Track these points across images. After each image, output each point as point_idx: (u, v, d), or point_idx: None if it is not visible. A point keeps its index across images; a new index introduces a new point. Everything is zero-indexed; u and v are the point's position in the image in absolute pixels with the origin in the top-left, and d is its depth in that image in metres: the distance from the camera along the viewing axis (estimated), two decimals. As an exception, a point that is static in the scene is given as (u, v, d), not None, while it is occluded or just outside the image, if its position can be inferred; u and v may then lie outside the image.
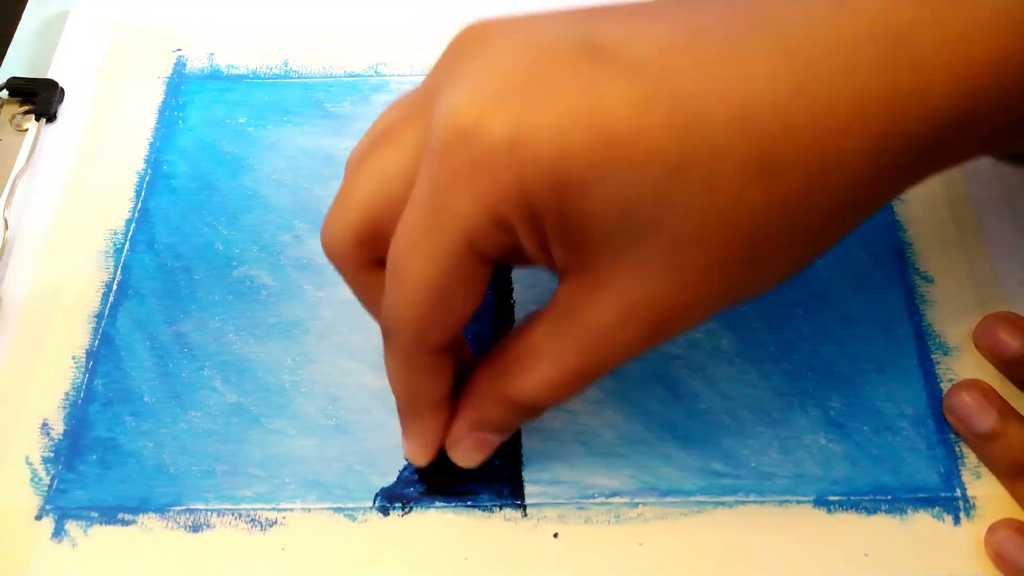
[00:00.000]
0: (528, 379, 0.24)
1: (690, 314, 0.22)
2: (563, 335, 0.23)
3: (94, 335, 0.32)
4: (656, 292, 0.21)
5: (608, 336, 0.22)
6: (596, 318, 0.22)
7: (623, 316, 0.22)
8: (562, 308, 0.23)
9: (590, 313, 0.22)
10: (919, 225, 0.34)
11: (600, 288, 0.22)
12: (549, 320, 0.23)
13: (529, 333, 0.24)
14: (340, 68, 0.39)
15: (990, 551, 0.27)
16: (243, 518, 0.29)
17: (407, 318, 0.23)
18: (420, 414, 0.26)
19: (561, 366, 0.23)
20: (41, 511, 0.29)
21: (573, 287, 0.22)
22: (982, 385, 0.29)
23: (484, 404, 0.25)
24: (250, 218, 0.34)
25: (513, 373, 0.24)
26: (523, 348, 0.24)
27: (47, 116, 0.37)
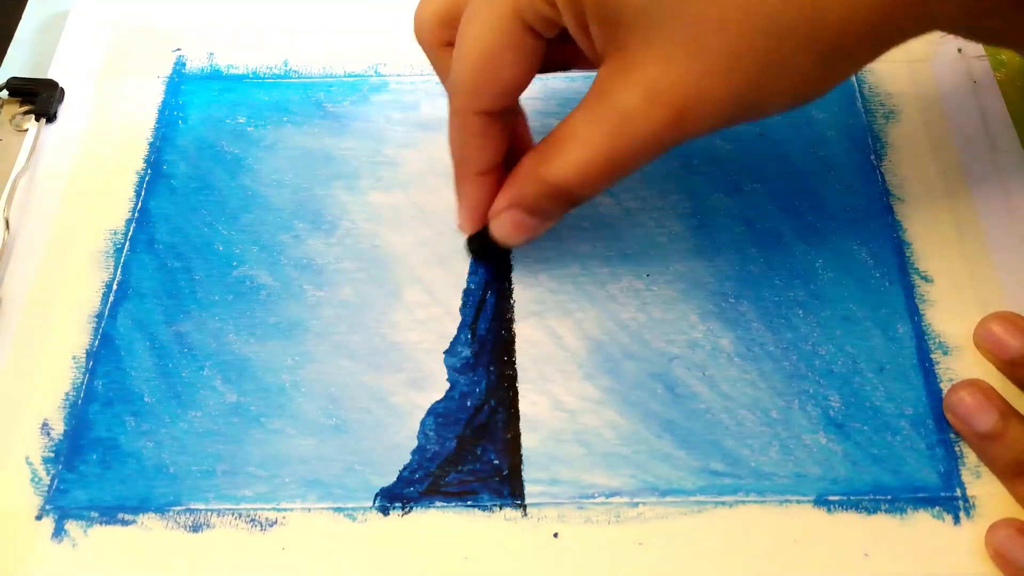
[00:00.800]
0: (562, 159, 0.26)
1: (708, 105, 0.23)
2: (595, 118, 0.25)
3: (94, 335, 0.32)
4: (678, 76, 0.23)
5: (634, 117, 0.24)
6: (624, 99, 0.24)
7: (648, 97, 0.23)
8: (596, 91, 0.25)
9: (619, 94, 0.24)
10: (919, 225, 0.34)
11: (629, 70, 0.23)
12: (586, 105, 0.25)
13: (570, 119, 0.26)
14: (340, 68, 0.39)
15: (991, 550, 0.27)
16: (243, 518, 0.29)
17: (462, 79, 0.26)
18: (467, 179, 0.29)
19: (591, 147, 0.25)
20: (41, 511, 0.29)
21: (608, 69, 0.24)
22: (982, 385, 0.29)
23: (523, 182, 0.27)
24: (250, 218, 0.34)
25: (551, 154, 0.26)
26: (562, 132, 0.26)
27: (47, 116, 0.37)
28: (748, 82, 0.23)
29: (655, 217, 0.34)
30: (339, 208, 0.35)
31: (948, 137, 0.35)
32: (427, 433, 0.30)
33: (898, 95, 0.37)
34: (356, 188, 0.35)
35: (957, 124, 0.36)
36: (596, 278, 0.33)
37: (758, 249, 0.33)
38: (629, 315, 0.32)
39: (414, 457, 0.30)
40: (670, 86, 0.23)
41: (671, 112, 0.23)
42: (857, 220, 0.34)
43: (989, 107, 0.36)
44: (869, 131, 0.36)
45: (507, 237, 0.29)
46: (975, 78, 0.37)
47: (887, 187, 0.35)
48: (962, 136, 0.35)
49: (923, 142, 0.35)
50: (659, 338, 0.31)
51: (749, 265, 0.33)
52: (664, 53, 0.23)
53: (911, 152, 0.35)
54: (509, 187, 0.28)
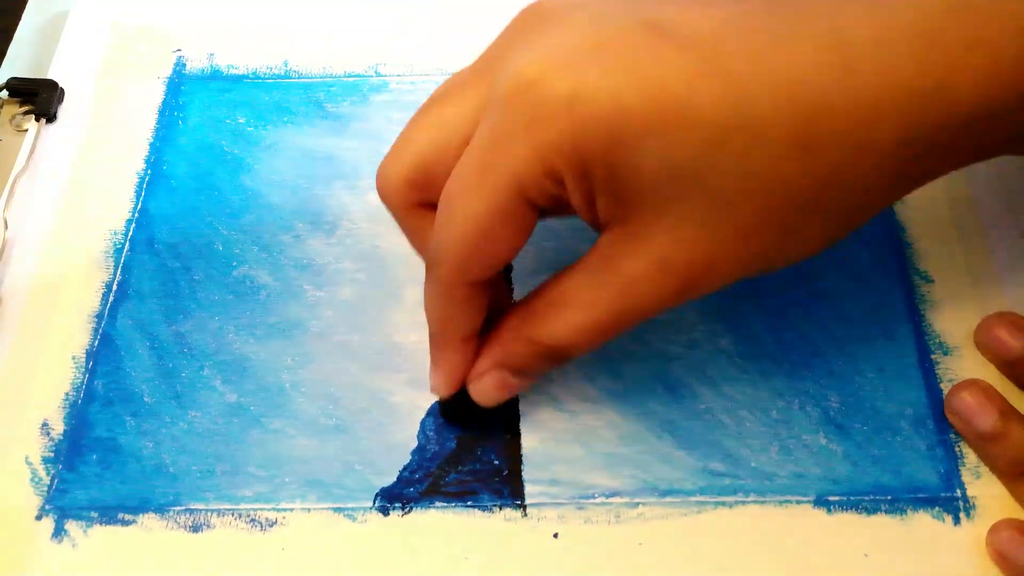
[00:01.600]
0: (559, 323, 0.25)
1: (721, 273, 0.24)
2: (598, 283, 0.24)
3: (94, 335, 0.32)
4: (692, 248, 0.23)
5: (642, 286, 0.24)
6: (633, 268, 0.24)
7: (659, 268, 0.23)
8: (600, 257, 0.24)
9: (627, 263, 0.24)
10: (919, 225, 0.34)
11: (640, 240, 0.23)
12: (586, 268, 0.25)
13: (564, 280, 0.25)
14: (340, 68, 0.39)
15: (992, 551, 0.27)
16: (243, 518, 0.29)
17: (451, 251, 0.24)
18: (449, 346, 0.27)
19: (593, 312, 0.25)
20: (41, 511, 0.29)
21: (613, 238, 0.24)
22: (983, 385, 0.29)
23: (510, 344, 0.27)
24: (250, 218, 0.35)
25: (544, 316, 0.25)
26: (556, 294, 0.25)
27: (47, 116, 0.37)
28: (761, 251, 0.24)
29: (655, 217, 0.34)
30: (339, 208, 0.35)
31: (948, 137, 0.35)
32: (427, 433, 0.30)
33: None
34: (356, 188, 0.35)
35: (957, 124, 0.36)
36: (596, 278, 0.33)
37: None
38: (629, 315, 0.32)
39: (414, 457, 0.30)
40: (682, 258, 0.23)
41: (681, 282, 0.24)
42: (857, 220, 0.34)
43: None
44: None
45: (489, 399, 0.28)
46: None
47: (887, 187, 0.34)
48: (962, 136, 0.35)
49: (923, 142, 0.35)
50: (659, 338, 0.31)
51: (749, 265, 0.33)
52: (677, 226, 0.23)
53: (911, 152, 0.35)
54: (493, 348, 0.27)
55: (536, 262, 0.33)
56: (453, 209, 0.24)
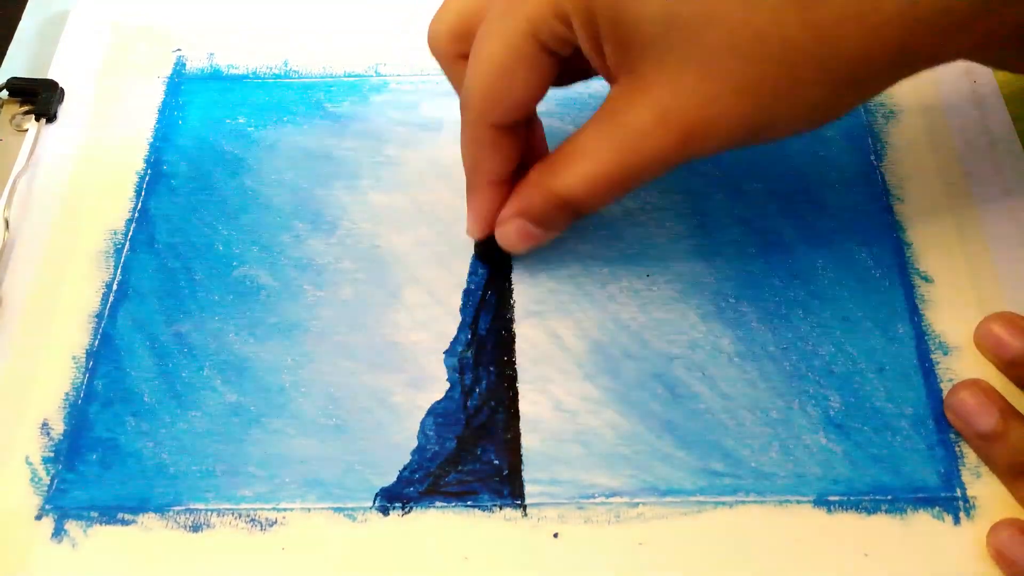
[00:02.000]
0: (569, 172, 0.27)
1: (718, 129, 0.24)
2: (605, 133, 0.25)
3: (94, 335, 0.32)
4: (690, 99, 0.24)
5: (643, 136, 0.25)
6: (634, 118, 0.24)
7: (658, 118, 0.24)
8: (607, 109, 0.25)
9: (629, 113, 0.25)
10: (919, 225, 0.34)
11: (641, 91, 0.24)
12: (596, 121, 0.26)
13: (579, 134, 0.27)
14: (340, 68, 0.39)
15: (992, 551, 0.27)
16: (243, 518, 0.29)
17: (475, 92, 0.27)
18: (479, 188, 0.30)
19: (598, 162, 0.26)
20: (41, 511, 0.29)
21: (620, 89, 0.25)
22: (983, 384, 0.29)
23: (530, 193, 0.28)
24: (250, 218, 0.34)
25: (559, 167, 0.27)
26: (571, 146, 0.27)
27: (47, 116, 0.37)
28: (758, 108, 0.24)
29: (655, 217, 0.34)
30: (339, 208, 0.35)
31: (948, 137, 0.35)
32: (427, 433, 0.30)
33: (898, 95, 0.37)
34: (356, 188, 0.35)
35: (957, 124, 0.36)
36: (596, 278, 0.33)
37: (758, 249, 0.33)
38: (629, 315, 0.32)
39: (414, 457, 0.30)
40: (680, 109, 0.24)
41: (680, 134, 0.24)
42: (857, 220, 0.34)
43: (990, 107, 0.36)
44: (869, 131, 0.36)
45: (512, 245, 0.30)
46: (976, 78, 0.37)
47: (887, 187, 0.35)
48: (962, 136, 0.35)
49: (923, 142, 0.35)
50: (659, 338, 0.31)
51: (749, 265, 0.33)
52: (676, 77, 0.23)
53: (911, 152, 0.35)
54: (516, 197, 0.29)
55: (536, 262, 0.33)
56: (477, 53, 0.26)
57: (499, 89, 0.26)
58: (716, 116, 0.24)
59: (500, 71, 0.26)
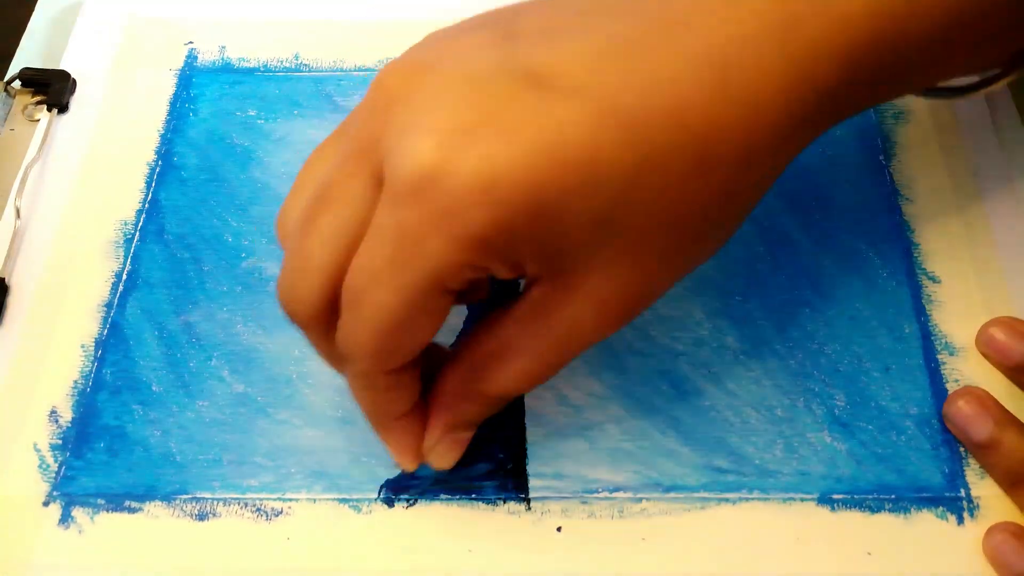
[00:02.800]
0: (505, 374, 0.25)
1: (654, 296, 0.25)
2: (539, 332, 0.24)
3: (103, 324, 0.32)
4: (625, 285, 0.24)
5: (582, 329, 0.24)
6: (572, 315, 0.24)
7: (598, 309, 0.24)
8: (536, 309, 0.24)
9: (566, 311, 0.24)
10: (927, 226, 0.34)
11: (574, 289, 0.23)
12: (522, 319, 0.24)
13: (501, 332, 0.25)
14: (350, 62, 0.39)
15: (988, 554, 0.27)
16: (249, 507, 0.29)
17: (365, 348, 0.23)
18: (389, 428, 0.26)
19: (538, 359, 0.25)
20: (48, 497, 0.29)
21: (546, 291, 0.24)
22: (980, 393, 0.29)
23: (458, 405, 0.26)
24: (259, 210, 0.35)
25: (489, 370, 0.25)
26: (497, 346, 0.25)
27: (59, 107, 0.37)
28: (684, 263, 0.25)
29: (663, 214, 0.34)
30: (348, 201, 0.35)
31: (958, 138, 0.35)
32: (432, 426, 0.30)
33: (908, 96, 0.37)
34: (365, 182, 0.35)
35: (967, 125, 0.36)
36: (603, 274, 0.33)
37: (765, 247, 0.33)
38: (635, 311, 0.32)
39: (419, 450, 0.30)
40: (617, 296, 0.24)
41: (619, 316, 0.24)
42: (865, 220, 0.34)
43: (999, 108, 0.36)
44: (878, 131, 0.36)
45: (448, 462, 0.27)
46: (985, 79, 0.37)
47: (896, 187, 0.35)
48: (972, 136, 0.35)
49: (932, 142, 0.35)
50: (665, 335, 0.32)
51: (756, 263, 0.33)
52: (608, 270, 0.23)
53: (920, 152, 0.35)
54: (442, 414, 0.26)
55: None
56: (362, 305, 0.22)
57: (396, 342, 0.23)
58: (650, 287, 0.24)
59: (397, 326, 0.22)
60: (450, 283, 0.22)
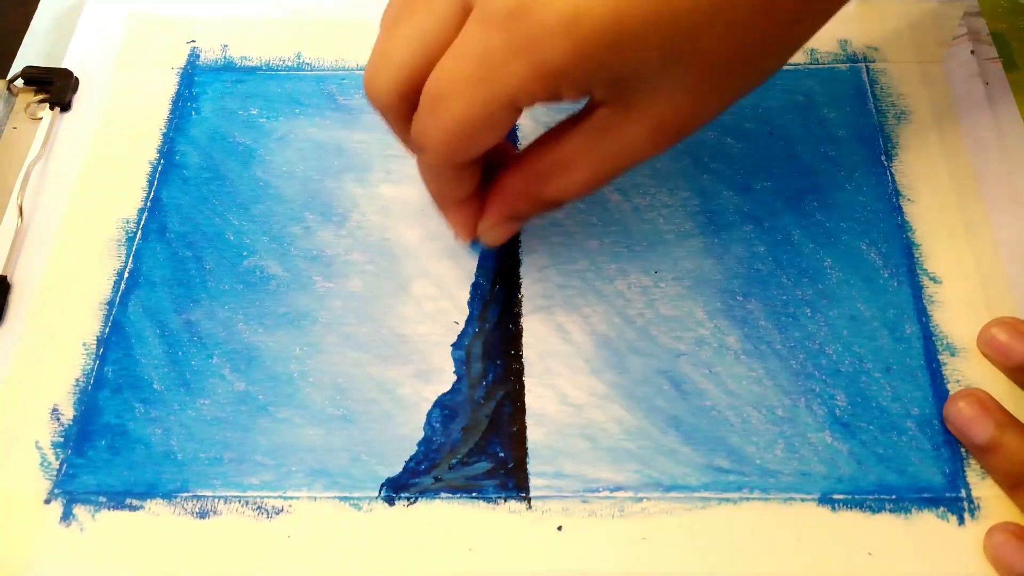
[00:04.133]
0: (563, 182, 0.27)
1: (707, 119, 0.26)
2: (600, 147, 0.26)
3: (105, 322, 0.32)
4: (683, 110, 0.25)
5: (639, 145, 0.26)
6: (631, 134, 0.26)
7: (656, 129, 0.26)
8: (600, 125, 0.26)
9: (628, 129, 0.26)
10: (928, 226, 0.34)
11: (636, 112, 0.25)
12: (587, 133, 0.26)
13: (563, 146, 0.27)
14: (352, 61, 0.39)
15: (988, 554, 0.27)
16: (250, 505, 0.29)
17: (438, 144, 0.25)
18: (450, 209, 0.30)
19: (592, 172, 0.27)
20: (50, 495, 0.29)
21: (613, 111, 0.25)
22: (980, 395, 0.29)
23: (516, 202, 0.29)
24: (261, 209, 0.35)
25: (550, 177, 0.27)
26: (560, 157, 0.27)
27: (61, 105, 0.37)
28: (736, 89, 0.26)
29: (664, 214, 0.34)
30: (349, 200, 0.35)
31: (959, 138, 0.35)
32: (433, 425, 0.30)
33: (909, 96, 0.37)
34: (367, 181, 0.35)
35: (968, 125, 0.36)
36: (604, 274, 0.33)
37: (767, 247, 0.33)
38: (636, 311, 0.32)
39: (420, 448, 0.30)
40: (675, 119, 0.26)
41: (673, 137, 0.26)
42: (866, 220, 0.34)
43: (1001, 109, 0.36)
44: (880, 131, 0.36)
45: (498, 242, 0.31)
46: (987, 79, 0.37)
47: (897, 187, 0.35)
48: (973, 137, 0.35)
49: (934, 143, 0.35)
50: (666, 334, 0.32)
51: (757, 263, 0.33)
52: (670, 97, 0.25)
53: (922, 153, 0.35)
54: (500, 206, 0.29)
55: (545, 257, 0.33)
56: (441, 108, 0.25)
57: (465, 145, 0.25)
58: (703, 114, 0.26)
59: (469, 132, 0.25)
60: (522, 103, 0.24)
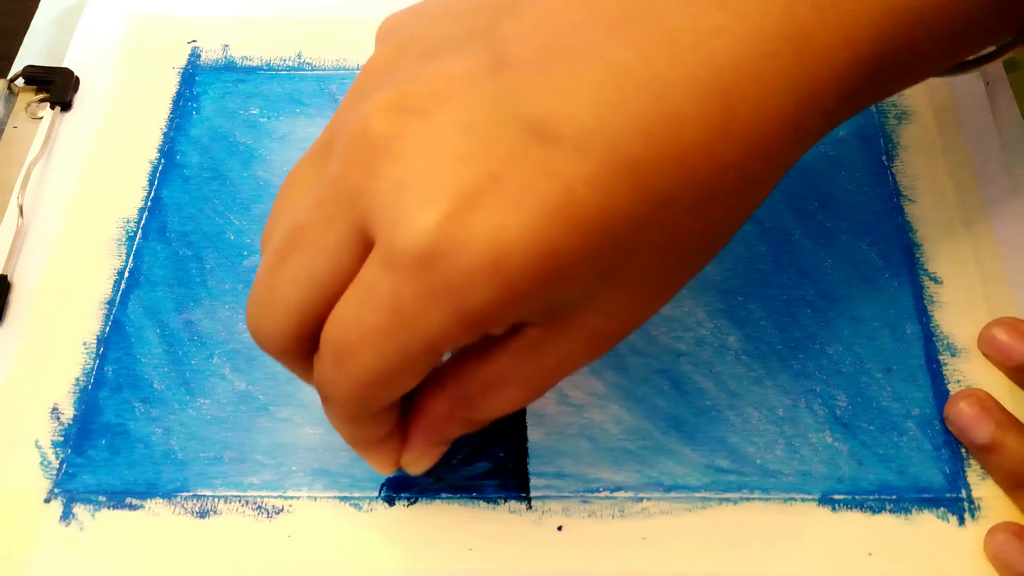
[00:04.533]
0: (497, 401, 0.24)
1: (647, 318, 0.24)
2: (533, 365, 0.23)
3: (105, 321, 0.32)
4: (622, 316, 0.23)
5: (576, 358, 0.24)
6: (566, 349, 0.23)
7: (590, 342, 0.23)
8: (530, 346, 0.23)
9: (561, 346, 0.23)
10: (929, 226, 0.34)
11: (571, 328, 0.23)
12: (516, 355, 0.23)
13: (492, 365, 0.23)
14: (353, 61, 0.39)
15: (989, 554, 0.27)
16: (250, 505, 0.29)
17: (347, 397, 0.22)
18: (368, 449, 0.26)
19: (529, 387, 0.24)
20: (50, 494, 0.29)
21: (542, 332, 0.23)
22: (981, 395, 0.29)
23: (444, 427, 0.25)
24: (261, 208, 0.35)
25: (479, 398, 0.24)
26: (490, 377, 0.24)
27: (62, 104, 0.37)
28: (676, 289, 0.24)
29: (665, 214, 0.34)
30: (350, 200, 0.35)
31: (960, 138, 0.35)
32: (433, 425, 0.30)
33: (910, 96, 0.37)
34: (367, 180, 0.35)
35: (969, 126, 0.36)
36: (605, 274, 0.33)
37: (767, 247, 0.33)
38: (637, 311, 0.32)
39: (420, 448, 0.30)
40: (612, 329, 0.23)
41: (612, 342, 0.24)
42: (867, 220, 0.34)
43: (1002, 109, 0.36)
44: (881, 131, 0.36)
45: (425, 469, 0.27)
46: (988, 80, 0.37)
47: (898, 188, 0.34)
48: (974, 137, 0.35)
49: (935, 143, 0.35)
50: (666, 334, 0.32)
51: (758, 263, 0.33)
52: (607, 309, 0.22)
53: (922, 153, 0.35)
54: (426, 433, 0.25)
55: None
56: (348, 362, 0.21)
57: (380, 394, 0.22)
58: (643, 314, 0.24)
59: (384, 382, 0.22)
60: (444, 348, 0.21)
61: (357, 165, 0.21)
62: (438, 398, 0.25)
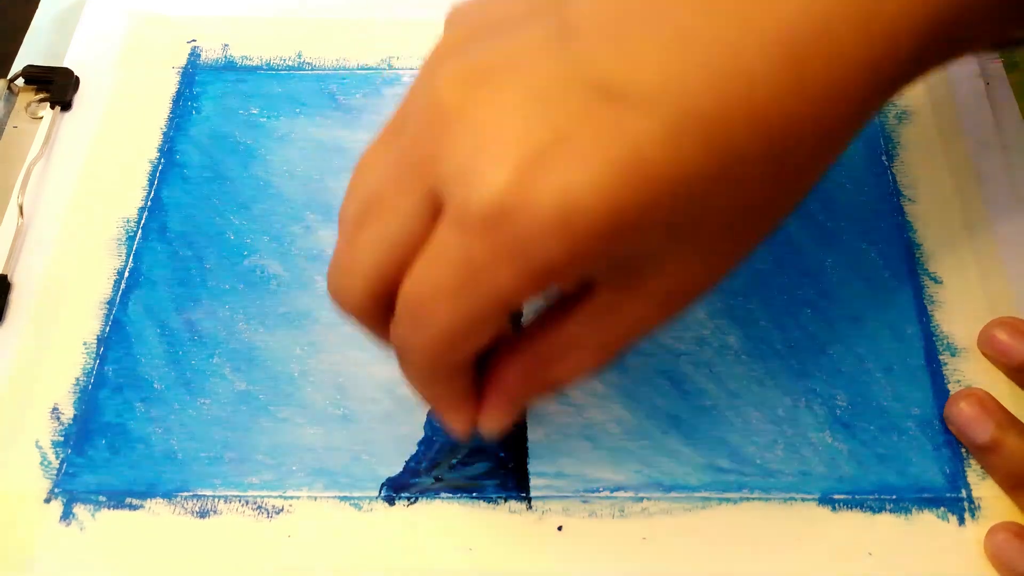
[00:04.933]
0: (570, 365, 0.25)
1: (717, 282, 0.24)
2: (606, 327, 0.24)
3: (105, 321, 0.32)
4: (692, 279, 0.23)
5: (648, 321, 0.24)
6: (639, 311, 0.23)
7: (662, 305, 0.24)
8: (602, 308, 0.23)
9: (633, 308, 0.23)
10: (929, 226, 0.34)
11: (641, 289, 0.23)
12: (589, 317, 0.24)
13: (566, 329, 0.24)
14: (353, 61, 0.39)
15: (989, 553, 0.27)
16: (250, 505, 0.29)
17: (426, 352, 0.23)
18: (447, 409, 0.26)
19: (605, 351, 0.24)
20: (50, 494, 0.29)
21: (614, 293, 0.23)
22: (981, 395, 0.29)
23: (520, 389, 0.26)
24: (261, 208, 0.35)
25: (554, 362, 0.25)
26: (564, 341, 0.24)
27: (62, 104, 0.37)
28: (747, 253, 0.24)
29: (665, 214, 0.34)
30: (350, 200, 0.35)
31: (960, 138, 0.35)
32: (434, 425, 0.30)
33: (910, 96, 0.37)
34: (367, 180, 0.35)
35: (969, 125, 0.36)
36: (605, 274, 0.33)
37: (767, 247, 0.33)
38: (637, 311, 0.32)
39: (420, 448, 0.30)
40: (683, 290, 0.24)
41: (682, 306, 0.24)
42: (867, 220, 0.34)
43: (1001, 109, 0.36)
44: (881, 131, 0.36)
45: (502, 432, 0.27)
46: (988, 79, 0.37)
47: (898, 187, 0.35)
48: (974, 137, 0.35)
49: (935, 143, 0.35)
50: (666, 334, 0.32)
51: (758, 263, 0.33)
52: (678, 270, 0.23)
53: (923, 153, 0.35)
54: (504, 396, 0.26)
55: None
56: (424, 316, 0.22)
57: (455, 351, 0.23)
58: (718, 276, 0.24)
59: (458, 339, 0.22)
60: (515, 304, 0.22)
61: (428, 134, 0.21)
62: (515, 361, 0.25)
